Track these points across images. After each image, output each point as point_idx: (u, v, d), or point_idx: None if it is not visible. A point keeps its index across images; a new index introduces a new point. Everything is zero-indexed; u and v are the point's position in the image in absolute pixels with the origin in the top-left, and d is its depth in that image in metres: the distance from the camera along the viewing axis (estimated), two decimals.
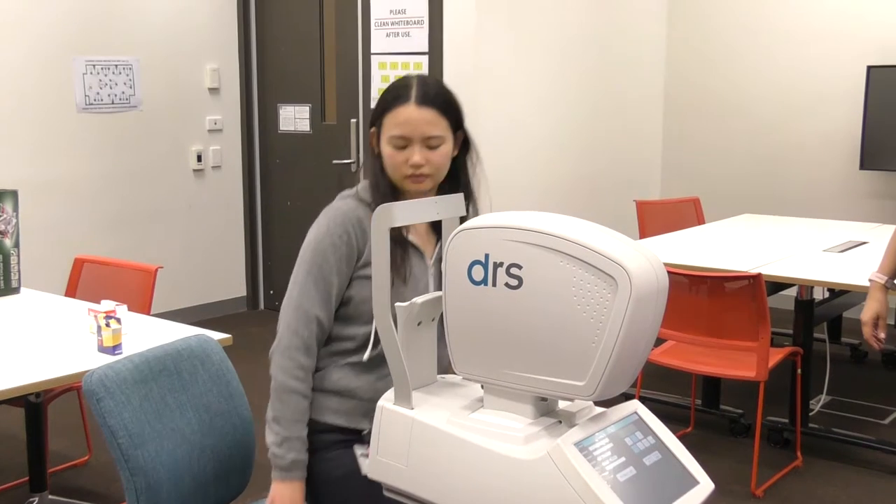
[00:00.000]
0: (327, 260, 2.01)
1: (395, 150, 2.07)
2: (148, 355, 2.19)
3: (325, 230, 2.03)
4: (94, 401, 2.04)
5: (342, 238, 2.02)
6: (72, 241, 5.53)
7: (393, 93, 2.10)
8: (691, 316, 3.74)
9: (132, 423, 2.07)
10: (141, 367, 2.15)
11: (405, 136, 2.06)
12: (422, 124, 2.06)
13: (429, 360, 1.93)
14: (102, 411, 2.04)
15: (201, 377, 2.27)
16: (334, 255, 2.01)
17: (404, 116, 2.06)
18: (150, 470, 2.07)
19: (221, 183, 6.41)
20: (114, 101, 5.73)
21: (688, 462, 1.76)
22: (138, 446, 2.06)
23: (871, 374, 5.21)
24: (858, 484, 3.81)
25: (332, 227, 2.03)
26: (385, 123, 2.07)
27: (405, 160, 2.07)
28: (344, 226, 2.03)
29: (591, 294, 1.57)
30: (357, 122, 5.95)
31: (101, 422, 2.04)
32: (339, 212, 2.04)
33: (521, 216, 1.66)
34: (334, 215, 2.04)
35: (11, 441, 4.18)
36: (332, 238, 2.01)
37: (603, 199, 6.45)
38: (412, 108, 2.07)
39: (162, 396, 2.16)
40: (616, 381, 1.63)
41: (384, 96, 2.11)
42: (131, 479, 2.06)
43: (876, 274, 3.05)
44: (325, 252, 2.01)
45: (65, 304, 3.38)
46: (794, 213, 6.14)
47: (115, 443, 2.04)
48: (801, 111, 6.47)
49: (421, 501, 1.79)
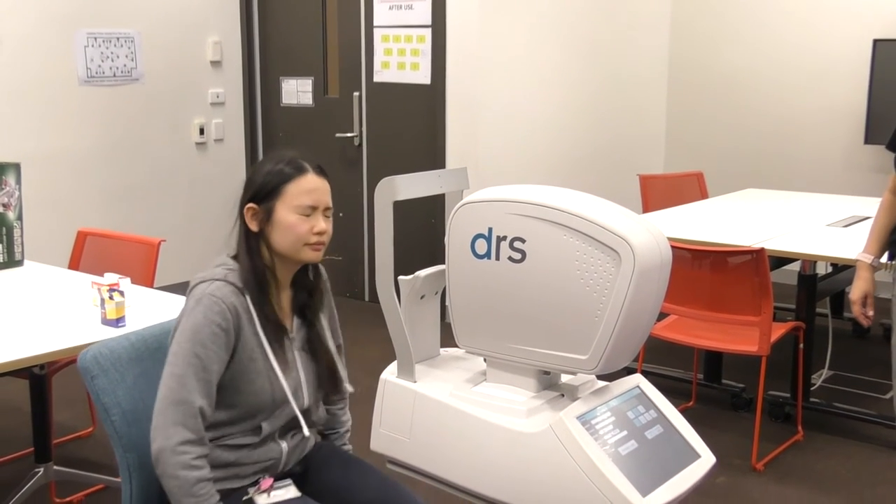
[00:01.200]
0: (207, 348, 1.98)
1: (301, 219, 2.06)
2: (144, 333, 2.19)
3: (203, 318, 1.99)
4: (89, 378, 2.05)
5: (220, 326, 1.99)
6: (74, 213, 5.53)
7: (286, 167, 2.09)
8: (694, 290, 3.74)
9: (126, 400, 2.08)
10: (137, 344, 2.15)
11: (313, 205, 2.07)
12: (324, 193, 2.10)
13: (432, 334, 1.94)
14: (96, 389, 2.05)
15: None
16: (214, 343, 1.98)
17: (312, 185, 2.08)
18: (143, 447, 2.07)
19: (224, 156, 6.40)
20: (115, 74, 5.71)
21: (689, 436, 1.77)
22: (132, 423, 2.07)
23: (872, 349, 5.21)
24: (859, 458, 3.82)
25: (210, 314, 1.99)
26: (287, 193, 2.06)
27: (310, 229, 2.07)
28: (222, 314, 1.99)
29: (595, 268, 1.57)
30: (360, 95, 5.93)
31: (95, 399, 2.06)
32: (213, 299, 2.00)
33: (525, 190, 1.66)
34: (210, 304, 2.00)
35: (16, 413, 4.20)
36: (210, 327, 1.98)
37: (606, 173, 6.43)
38: (313, 177, 2.10)
39: (158, 374, 2.15)
40: (618, 355, 1.63)
41: (271, 172, 2.09)
42: (124, 455, 2.08)
43: (862, 254, 3.13)
44: (203, 342, 1.98)
45: (68, 277, 3.39)
46: (798, 188, 6.12)
47: (109, 420, 2.06)
48: (805, 85, 6.44)
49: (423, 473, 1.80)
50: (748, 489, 3.55)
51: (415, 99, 5.69)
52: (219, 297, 2.00)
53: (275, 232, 2.09)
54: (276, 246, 2.09)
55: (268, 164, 2.12)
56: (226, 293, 2.02)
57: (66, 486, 3.44)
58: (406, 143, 5.77)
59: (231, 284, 2.05)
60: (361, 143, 6.00)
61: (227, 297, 2.02)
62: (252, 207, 2.11)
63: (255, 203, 2.10)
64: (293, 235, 2.07)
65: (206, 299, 2.00)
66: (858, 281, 3.10)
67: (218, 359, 1.99)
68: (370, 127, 5.95)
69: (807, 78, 6.42)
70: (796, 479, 3.63)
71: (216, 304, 1.99)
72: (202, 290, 2.03)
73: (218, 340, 1.99)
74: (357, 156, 6.03)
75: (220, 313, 1.99)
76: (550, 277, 1.61)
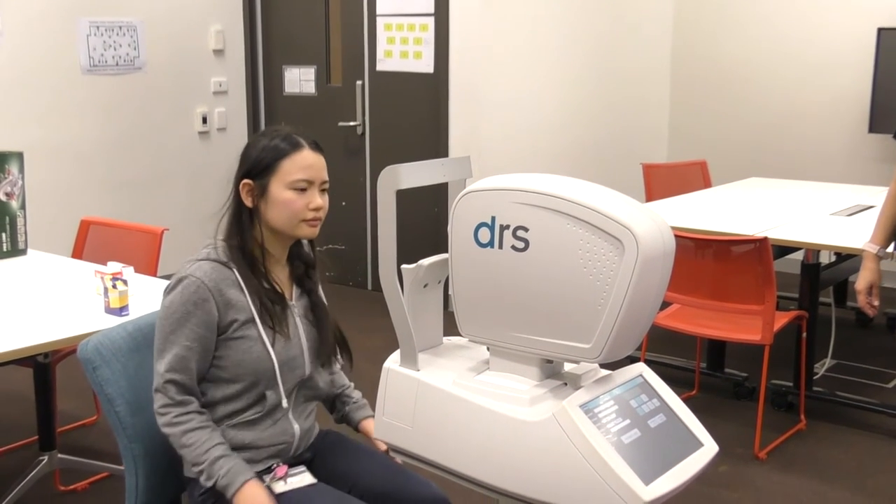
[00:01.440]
0: (183, 327, 2.00)
1: (297, 195, 2.07)
2: (140, 323, 2.20)
3: (180, 299, 2.01)
4: (91, 369, 2.05)
5: (197, 304, 2.00)
6: (77, 202, 5.53)
7: (282, 142, 2.09)
8: (697, 279, 3.74)
9: (129, 391, 2.07)
10: (135, 334, 2.15)
11: (309, 180, 2.08)
12: (320, 169, 2.10)
13: (435, 323, 1.94)
14: (100, 380, 2.05)
15: None
16: (189, 321, 2.00)
17: (308, 161, 2.08)
18: (148, 437, 2.08)
19: (227, 145, 6.40)
20: (118, 63, 5.71)
21: (692, 424, 1.77)
22: (136, 413, 2.07)
23: (875, 339, 5.21)
24: (861, 447, 3.82)
25: (186, 294, 2.00)
26: (282, 170, 2.06)
27: (306, 204, 2.07)
28: (199, 293, 2.01)
29: (598, 257, 1.57)
30: (363, 84, 5.92)
31: (99, 390, 2.05)
32: (191, 279, 2.02)
33: (528, 178, 1.66)
34: (187, 283, 2.02)
35: (20, 401, 4.21)
36: (186, 307, 2.00)
37: (610, 162, 6.42)
38: (309, 152, 2.10)
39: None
40: (622, 344, 1.63)
41: (266, 148, 2.10)
42: (129, 446, 2.07)
43: (868, 244, 3.12)
44: (180, 321, 2.00)
45: (71, 266, 3.39)
46: (801, 177, 6.11)
47: (113, 411, 2.06)
48: (809, 74, 6.42)
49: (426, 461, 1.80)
50: (751, 478, 3.55)
51: (418, 88, 5.68)
52: (197, 277, 2.02)
53: (270, 208, 2.09)
54: (271, 222, 2.10)
55: (263, 139, 2.12)
56: (206, 270, 2.04)
57: (71, 474, 3.45)
58: (409, 131, 5.77)
59: (213, 261, 2.06)
60: (364, 132, 5.99)
61: (207, 274, 2.03)
62: (247, 183, 2.11)
63: (250, 179, 2.11)
64: (289, 212, 2.07)
65: (185, 280, 2.03)
66: (864, 271, 3.10)
67: (196, 336, 2.01)
68: (373, 116, 5.95)
69: (810, 67, 6.40)
70: (799, 467, 3.64)
71: (192, 283, 2.01)
72: (183, 271, 2.05)
73: (192, 319, 2.00)
74: (360, 144, 6.03)
75: (195, 292, 2.01)
76: (553, 266, 1.61)
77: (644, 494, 1.55)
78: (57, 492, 3.40)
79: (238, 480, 1.98)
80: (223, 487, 1.98)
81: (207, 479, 1.99)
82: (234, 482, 1.98)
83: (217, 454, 1.99)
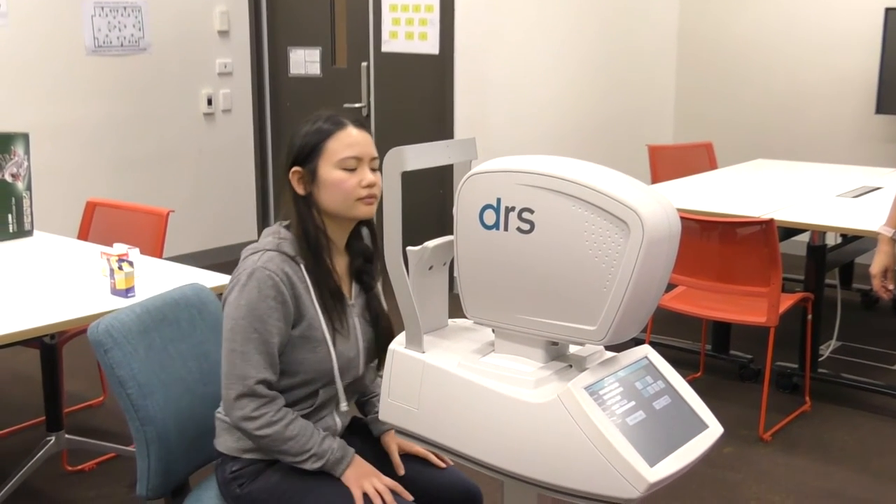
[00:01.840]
0: (266, 323, 1.96)
1: (348, 174, 2.02)
2: (148, 304, 2.18)
3: (258, 294, 1.95)
4: (102, 351, 2.03)
5: (277, 299, 1.96)
6: (83, 184, 5.54)
7: (324, 123, 2.05)
8: (703, 261, 3.73)
9: (140, 373, 2.06)
10: (143, 316, 2.14)
11: (358, 157, 2.03)
12: (366, 145, 2.06)
13: (440, 305, 1.94)
14: (111, 362, 2.03)
15: (199, 326, 2.26)
16: (272, 317, 1.96)
17: (353, 138, 2.04)
18: (160, 419, 2.08)
19: (232, 127, 6.39)
20: (123, 44, 5.70)
21: (697, 406, 1.77)
22: (147, 396, 2.06)
23: (881, 320, 5.21)
24: (865, 428, 3.83)
25: (265, 289, 1.95)
26: (328, 150, 2.02)
27: (358, 182, 2.02)
28: (276, 287, 1.96)
29: (603, 239, 1.57)
30: (368, 65, 5.91)
31: (109, 372, 2.04)
32: (266, 273, 1.97)
33: (534, 160, 1.66)
34: (262, 277, 1.96)
35: (27, 382, 4.23)
36: (267, 302, 1.95)
37: (615, 144, 6.41)
38: (353, 129, 2.06)
39: (164, 346, 2.16)
40: (627, 326, 1.63)
41: (309, 132, 2.05)
42: (141, 428, 2.06)
43: (884, 227, 3.09)
44: (262, 317, 1.95)
45: (77, 247, 3.40)
46: (808, 158, 6.10)
47: (125, 393, 2.04)
48: (816, 55, 6.39)
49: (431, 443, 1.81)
50: (755, 459, 3.56)
51: (423, 69, 5.66)
52: (271, 270, 1.96)
53: (323, 192, 2.03)
54: (326, 206, 2.04)
55: (305, 125, 2.08)
56: (278, 263, 1.98)
57: (78, 455, 3.47)
58: (414, 113, 5.76)
59: (283, 254, 2.01)
60: (369, 114, 5.98)
61: (279, 267, 1.98)
62: (297, 171, 2.05)
63: (299, 166, 2.05)
64: (342, 192, 2.02)
65: (258, 273, 1.96)
66: (879, 255, 3.08)
67: (278, 331, 1.97)
68: (378, 97, 5.93)
69: (817, 47, 6.37)
70: (803, 449, 3.65)
71: (269, 277, 1.96)
72: (253, 262, 1.99)
73: (275, 314, 1.96)
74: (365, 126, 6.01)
75: (273, 286, 1.96)
76: (559, 248, 1.61)
77: (649, 476, 1.56)
78: (64, 472, 3.42)
79: (348, 455, 2.01)
80: (332, 465, 1.99)
81: (315, 462, 1.98)
82: (345, 457, 2.00)
83: (321, 436, 2.00)
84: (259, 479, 2.04)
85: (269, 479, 2.03)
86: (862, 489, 3.34)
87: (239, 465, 2.05)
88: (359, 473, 2.01)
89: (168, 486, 2.15)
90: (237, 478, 2.05)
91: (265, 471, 2.05)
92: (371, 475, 2.01)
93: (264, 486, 2.03)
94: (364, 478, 2.00)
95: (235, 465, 2.06)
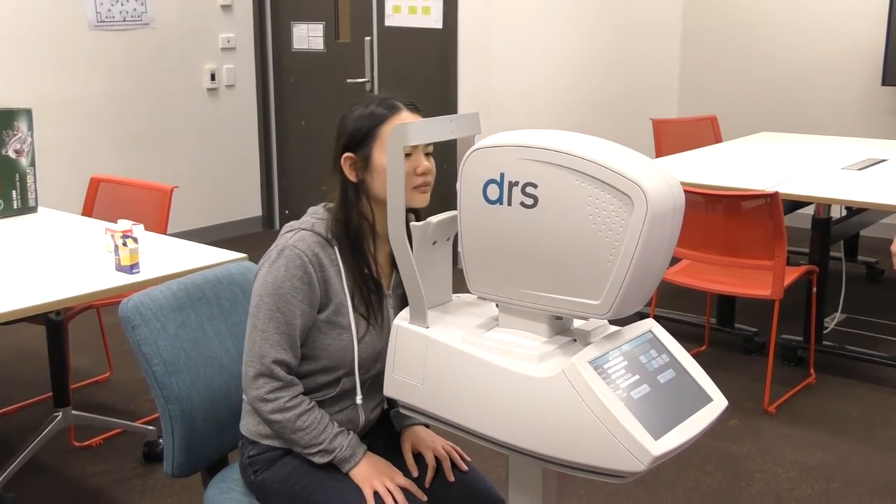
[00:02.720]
0: (290, 304, 1.92)
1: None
2: (186, 282, 2.15)
3: (284, 272, 1.91)
4: (130, 328, 2.02)
5: (303, 280, 1.92)
6: (86, 160, 5.54)
7: (378, 107, 1.98)
8: (707, 235, 3.73)
9: (167, 351, 2.05)
10: (179, 294, 2.11)
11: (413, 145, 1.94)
12: None
13: (444, 280, 1.94)
14: (137, 339, 2.02)
15: (242, 305, 2.22)
16: (296, 297, 1.92)
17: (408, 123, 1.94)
18: (185, 398, 2.06)
19: (235, 102, 6.38)
20: (125, 19, 5.68)
21: (702, 380, 1.77)
22: (172, 374, 2.05)
23: (886, 292, 5.21)
24: (870, 400, 3.83)
25: (291, 268, 1.91)
26: (382, 136, 1.93)
27: (413, 169, 1.94)
28: (304, 267, 1.92)
29: (607, 213, 1.56)
30: (371, 40, 5.88)
31: (136, 349, 2.03)
32: (295, 251, 1.93)
33: (537, 134, 1.65)
34: (291, 256, 1.92)
35: (34, 358, 4.25)
36: (292, 282, 1.91)
37: (620, 118, 6.39)
38: (408, 114, 1.99)
39: (200, 324, 2.14)
40: (631, 300, 1.63)
41: (362, 116, 1.98)
42: (166, 406, 2.05)
43: None
44: (286, 296, 1.92)
45: (82, 224, 3.40)
46: (813, 131, 6.07)
47: (150, 370, 2.03)
48: (822, 27, 6.35)
49: (436, 418, 1.81)
50: (760, 431, 3.57)
51: (427, 43, 5.64)
52: (301, 250, 1.93)
53: (375, 179, 1.96)
54: (378, 193, 1.96)
55: (357, 108, 2.01)
56: (310, 244, 1.94)
57: (85, 430, 3.49)
58: (418, 88, 5.73)
59: (317, 234, 1.96)
60: (373, 89, 5.96)
61: (311, 248, 1.94)
62: (349, 157, 1.98)
63: (351, 152, 1.98)
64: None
65: (287, 251, 1.93)
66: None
67: (301, 312, 1.93)
68: (382, 72, 5.91)
69: (823, 19, 6.33)
70: (808, 421, 3.65)
71: (298, 256, 1.92)
72: (286, 240, 1.95)
73: (299, 295, 1.92)
74: None
75: (301, 266, 1.92)
76: (563, 222, 1.60)
77: (653, 449, 1.56)
78: (71, 447, 3.44)
79: (358, 453, 1.97)
80: (341, 461, 1.97)
81: (323, 457, 1.96)
82: (354, 455, 1.97)
83: (334, 432, 1.97)
84: (272, 467, 2.02)
85: (281, 470, 2.02)
86: (866, 460, 3.35)
87: (256, 451, 2.04)
88: (370, 472, 1.97)
89: (196, 465, 2.13)
90: (252, 463, 2.04)
91: (280, 459, 2.03)
92: (384, 474, 1.97)
93: (276, 475, 2.02)
94: (376, 476, 1.96)
95: (253, 449, 2.05)
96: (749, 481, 3.22)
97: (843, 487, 3.18)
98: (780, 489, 3.17)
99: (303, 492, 1.98)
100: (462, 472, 2.13)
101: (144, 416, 3.65)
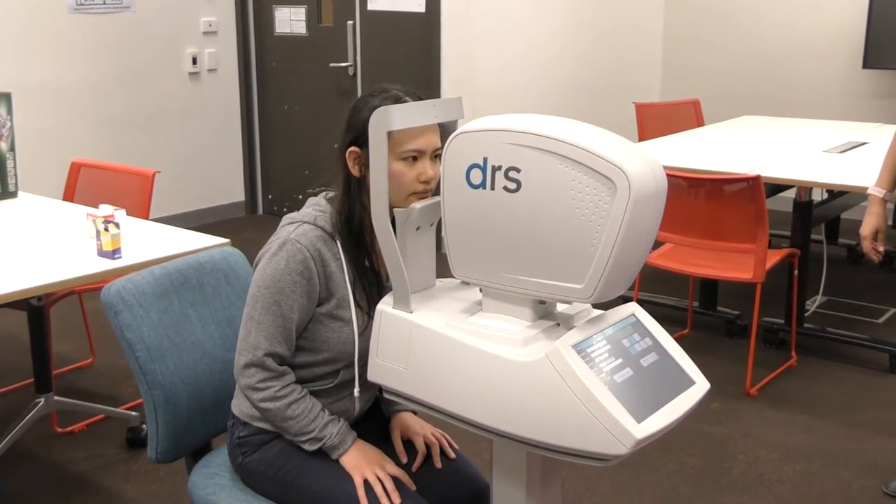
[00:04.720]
0: (288, 297, 1.91)
1: (407, 167, 1.90)
2: (169, 268, 2.15)
3: (284, 266, 1.90)
4: (112, 314, 2.01)
5: (304, 275, 1.91)
6: (67, 144, 5.50)
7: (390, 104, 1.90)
8: (690, 219, 3.74)
9: (150, 336, 2.04)
10: (161, 279, 2.11)
11: (421, 150, 1.90)
12: (433, 135, 1.93)
13: (427, 265, 1.94)
14: (120, 325, 2.02)
15: (224, 291, 2.22)
16: (295, 292, 1.91)
17: (420, 128, 1.89)
18: (168, 384, 2.06)
19: (217, 86, 6.34)
20: (105, 2, 5.63)
21: (684, 363, 1.78)
22: (156, 360, 2.05)
23: (867, 275, 5.24)
24: (851, 381, 3.86)
25: (292, 262, 1.90)
26: (391, 139, 1.85)
27: (416, 177, 1.90)
28: (305, 262, 1.91)
29: (590, 197, 1.57)
30: (354, 24, 5.86)
31: (119, 335, 2.03)
32: (297, 246, 1.91)
33: (520, 119, 1.65)
34: (292, 250, 1.91)
35: (15, 343, 4.23)
36: (292, 276, 1.90)
37: (602, 101, 6.39)
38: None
39: (183, 310, 2.13)
40: (614, 284, 1.63)
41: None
42: (149, 392, 2.05)
43: (874, 188, 3.04)
44: (284, 290, 1.90)
45: (63, 209, 3.38)
46: (794, 114, 6.09)
47: (133, 356, 2.03)
48: (804, 9, 6.36)
49: (420, 403, 1.82)
50: (742, 414, 3.59)
51: (409, 28, 5.62)
52: (303, 245, 1.91)
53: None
54: None
55: (371, 99, 1.95)
56: (312, 238, 1.93)
57: (67, 416, 3.48)
58: (401, 72, 5.72)
59: (320, 228, 1.95)
60: (356, 73, 5.94)
61: (313, 242, 1.93)
62: (355, 151, 1.95)
63: (358, 147, 1.94)
64: (396, 184, 1.90)
65: (289, 245, 1.91)
66: (869, 216, 3.01)
67: (299, 306, 1.92)
68: (364, 56, 5.89)
69: (804, 2, 6.35)
70: (789, 403, 3.68)
71: (299, 251, 1.90)
72: (287, 233, 1.93)
73: (298, 289, 1.91)
74: (351, 86, 5.98)
75: (302, 261, 1.90)
76: (545, 207, 1.61)
77: (636, 432, 1.57)
78: (54, 433, 3.43)
79: (347, 440, 1.97)
80: (330, 448, 1.96)
81: (313, 444, 1.96)
82: (344, 442, 1.97)
83: (324, 420, 1.97)
84: (260, 449, 2.03)
85: (269, 452, 2.02)
86: (847, 442, 3.38)
87: (247, 432, 2.04)
88: (361, 459, 1.97)
89: (180, 450, 2.14)
90: (242, 444, 2.04)
91: (268, 443, 2.03)
92: (374, 462, 1.97)
93: (263, 457, 2.02)
94: (366, 464, 1.96)
95: (244, 430, 2.04)
96: (731, 463, 3.25)
97: (823, 468, 3.21)
98: (761, 471, 3.19)
99: (288, 475, 1.99)
100: (450, 459, 2.14)
101: (127, 401, 3.64)
